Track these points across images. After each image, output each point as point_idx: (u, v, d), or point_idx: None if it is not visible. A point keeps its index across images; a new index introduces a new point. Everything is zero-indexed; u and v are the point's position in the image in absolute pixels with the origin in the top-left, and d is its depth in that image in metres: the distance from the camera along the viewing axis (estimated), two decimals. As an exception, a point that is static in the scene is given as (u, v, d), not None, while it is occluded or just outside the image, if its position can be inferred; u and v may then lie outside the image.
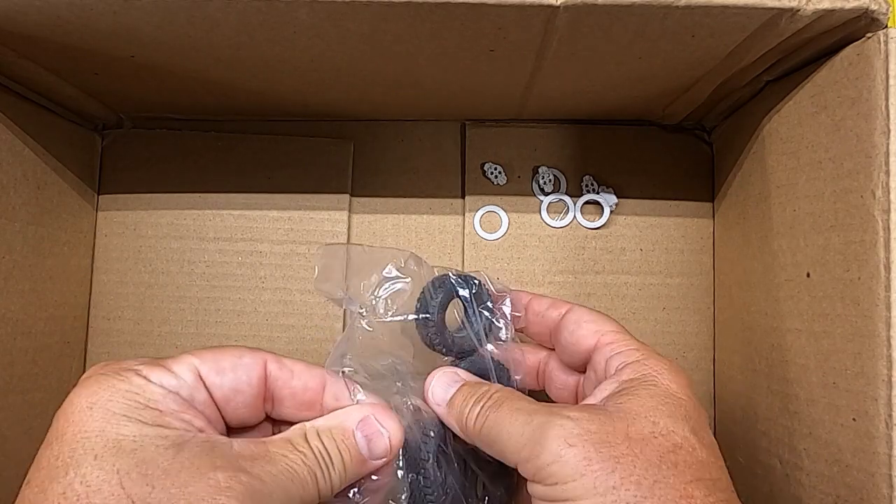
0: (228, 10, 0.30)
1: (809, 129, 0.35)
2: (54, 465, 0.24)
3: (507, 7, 0.30)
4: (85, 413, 0.25)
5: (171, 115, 0.49)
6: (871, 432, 0.30)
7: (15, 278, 0.40)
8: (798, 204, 0.36)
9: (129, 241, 0.49)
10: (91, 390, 0.26)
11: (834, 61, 0.33)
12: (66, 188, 0.45)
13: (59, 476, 0.23)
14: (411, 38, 0.33)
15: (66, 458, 0.24)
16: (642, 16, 0.30)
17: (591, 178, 0.49)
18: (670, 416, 0.29)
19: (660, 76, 0.39)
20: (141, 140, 0.50)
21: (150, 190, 0.49)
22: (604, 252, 0.49)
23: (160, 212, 0.49)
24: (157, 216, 0.49)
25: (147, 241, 0.49)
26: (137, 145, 0.50)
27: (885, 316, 0.29)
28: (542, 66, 0.37)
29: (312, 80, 0.40)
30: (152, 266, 0.49)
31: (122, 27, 0.32)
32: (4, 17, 0.31)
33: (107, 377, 0.26)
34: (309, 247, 0.49)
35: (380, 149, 0.50)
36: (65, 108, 0.45)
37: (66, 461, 0.24)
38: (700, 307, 0.49)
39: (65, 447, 0.24)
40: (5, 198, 0.39)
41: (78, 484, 0.23)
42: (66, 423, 0.25)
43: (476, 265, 0.49)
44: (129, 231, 0.49)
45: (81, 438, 0.24)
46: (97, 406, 0.25)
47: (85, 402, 0.25)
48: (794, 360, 0.36)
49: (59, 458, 0.24)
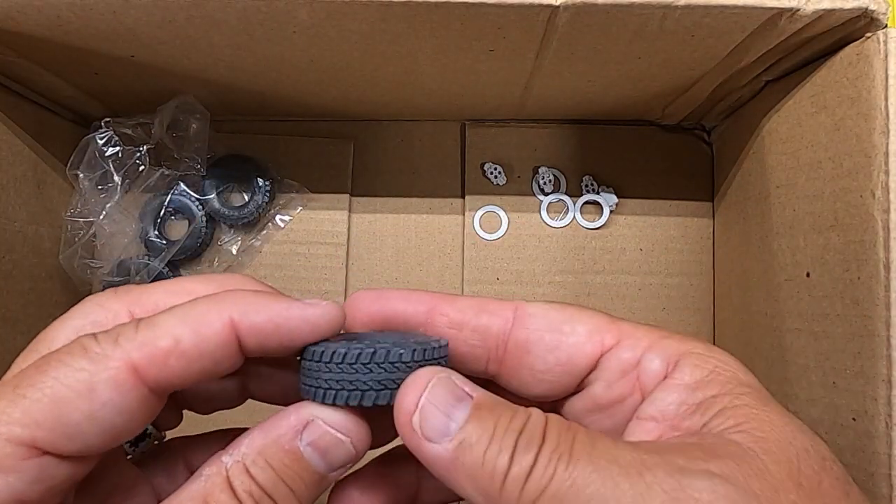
0: (228, 10, 0.30)
1: (809, 128, 0.35)
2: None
3: (507, 7, 0.30)
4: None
5: (171, 115, 0.49)
6: (870, 432, 0.30)
7: (15, 278, 0.40)
8: (798, 204, 0.36)
9: (130, 240, 0.49)
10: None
11: (834, 61, 0.33)
12: (66, 188, 0.45)
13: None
14: (411, 38, 0.33)
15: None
16: (642, 15, 0.30)
17: (591, 178, 0.49)
18: (782, 416, 0.21)
19: (659, 76, 0.39)
20: (141, 140, 0.50)
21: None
22: (604, 252, 0.49)
23: (160, 212, 0.49)
24: (157, 216, 0.49)
25: (147, 241, 0.49)
26: (137, 145, 0.50)
27: (884, 316, 0.29)
28: (542, 66, 0.37)
29: (312, 80, 0.40)
30: (152, 266, 0.49)
31: (122, 27, 0.32)
32: (4, 17, 0.31)
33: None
34: (309, 247, 0.49)
35: (380, 149, 0.50)
36: (65, 108, 0.45)
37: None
38: (700, 307, 0.49)
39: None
40: (5, 198, 0.39)
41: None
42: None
43: (476, 265, 0.49)
44: (129, 231, 0.49)
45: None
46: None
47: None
48: (794, 360, 0.36)
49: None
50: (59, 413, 0.19)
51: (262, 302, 0.21)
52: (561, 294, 0.48)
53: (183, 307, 0.21)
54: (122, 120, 0.45)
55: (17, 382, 0.19)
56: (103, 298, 0.23)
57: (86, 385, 0.19)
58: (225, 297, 0.21)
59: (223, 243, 0.48)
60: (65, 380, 0.19)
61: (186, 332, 0.20)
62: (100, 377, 0.19)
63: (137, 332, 0.20)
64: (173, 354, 0.20)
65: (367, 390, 0.21)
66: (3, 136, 0.39)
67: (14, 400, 0.19)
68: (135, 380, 0.19)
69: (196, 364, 0.20)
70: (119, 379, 0.19)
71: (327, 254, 0.49)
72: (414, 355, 0.22)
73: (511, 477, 0.19)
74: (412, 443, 0.20)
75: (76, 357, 0.19)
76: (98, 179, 0.44)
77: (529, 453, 0.19)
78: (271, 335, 0.21)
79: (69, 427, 0.19)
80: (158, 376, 0.20)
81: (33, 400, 0.18)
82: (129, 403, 0.19)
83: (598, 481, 0.18)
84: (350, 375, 0.21)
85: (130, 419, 0.20)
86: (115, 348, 0.19)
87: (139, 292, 0.23)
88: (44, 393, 0.19)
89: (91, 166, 0.44)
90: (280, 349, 0.22)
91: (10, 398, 0.19)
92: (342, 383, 0.21)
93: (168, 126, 0.45)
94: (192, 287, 0.23)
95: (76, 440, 0.19)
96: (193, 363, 0.20)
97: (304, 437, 0.21)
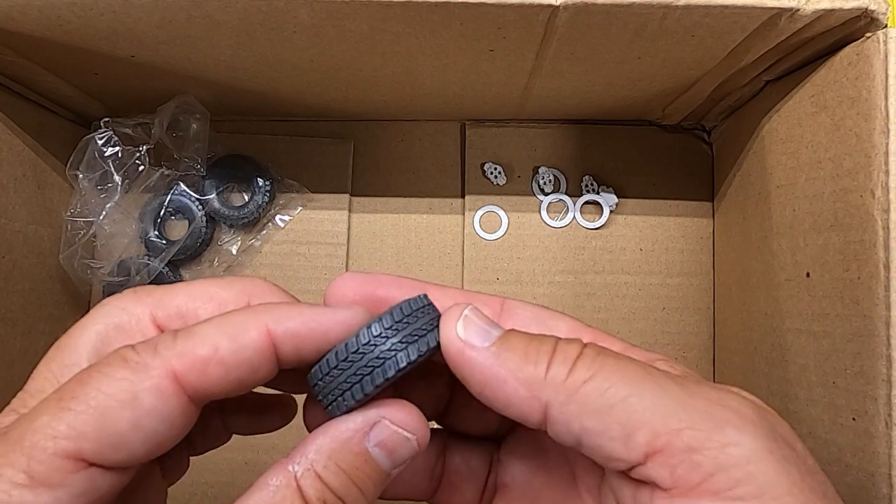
0: (228, 10, 0.30)
1: (809, 128, 0.35)
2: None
3: (507, 7, 0.30)
4: None
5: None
6: (870, 432, 0.30)
7: (15, 278, 0.40)
8: (798, 204, 0.36)
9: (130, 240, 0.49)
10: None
11: (833, 61, 0.33)
12: (66, 188, 0.45)
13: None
14: (411, 38, 0.33)
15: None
16: (642, 15, 0.30)
17: (591, 178, 0.49)
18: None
19: (659, 76, 0.39)
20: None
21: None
22: (604, 252, 0.49)
23: (160, 212, 0.49)
24: (157, 216, 0.49)
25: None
26: (137, 145, 0.50)
27: (884, 316, 0.29)
28: (542, 66, 0.37)
29: (312, 80, 0.40)
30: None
31: (122, 27, 0.32)
32: (4, 17, 0.31)
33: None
34: (309, 247, 0.49)
35: (380, 149, 0.50)
36: (65, 108, 0.45)
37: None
38: (700, 307, 0.49)
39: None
40: (5, 198, 0.39)
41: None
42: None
43: (476, 265, 0.49)
44: (129, 231, 0.49)
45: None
46: None
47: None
48: (794, 360, 0.36)
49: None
50: (105, 423, 0.19)
51: (296, 309, 0.21)
52: (561, 294, 0.48)
53: (220, 317, 0.21)
54: (122, 120, 0.45)
55: (60, 395, 0.19)
56: (124, 301, 0.23)
57: (129, 394, 0.19)
58: (261, 306, 0.21)
59: (223, 243, 0.48)
60: (108, 390, 0.19)
61: (224, 340, 0.20)
62: (142, 385, 0.19)
63: (176, 340, 0.20)
64: (212, 362, 0.20)
65: (414, 342, 0.21)
66: (3, 136, 0.39)
67: (58, 414, 0.19)
68: (176, 387, 0.19)
69: (234, 372, 0.20)
70: (161, 387, 0.19)
71: (327, 254, 0.49)
72: (424, 300, 0.22)
73: (556, 360, 0.20)
74: (456, 350, 0.21)
75: (117, 368, 0.19)
76: (98, 179, 0.44)
77: (573, 345, 0.21)
78: (306, 339, 0.21)
79: (114, 436, 0.19)
80: (198, 384, 0.20)
81: (78, 412, 0.19)
82: (171, 411, 0.19)
83: (642, 376, 0.20)
84: (393, 337, 0.21)
85: (172, 427, 0.20)
86: (155, 357, 0.20)
87: (161, 294, 0.23)
88: (88, 405, 0.19)
89: (91, 166, 0.44)
90: (314, 354, 0.22)
91: (53, 412, 0.19)
92: (383, 356, 0.21)
93: (168, 126, 0.45)
94: (216, 291, 0.23)
95: (121, 450, 0.19)
96: (231, 371, 0.20)
97: (372, 438, 0.21)
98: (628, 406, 0.19)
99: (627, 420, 0.19)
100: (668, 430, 0.19)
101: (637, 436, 0.19)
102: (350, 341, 0.21)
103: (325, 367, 0.21)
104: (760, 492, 0.18)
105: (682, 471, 0.19)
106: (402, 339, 0.21)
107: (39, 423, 0.18)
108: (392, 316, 0.21)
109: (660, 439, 0.19)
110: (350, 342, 0.21)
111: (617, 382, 0.20)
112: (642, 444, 0.19)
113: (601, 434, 0.19)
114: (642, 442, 0.19)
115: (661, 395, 0.19)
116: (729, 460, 0.19)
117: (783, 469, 0.19)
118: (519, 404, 0.20)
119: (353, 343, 0.21)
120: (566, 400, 0.20)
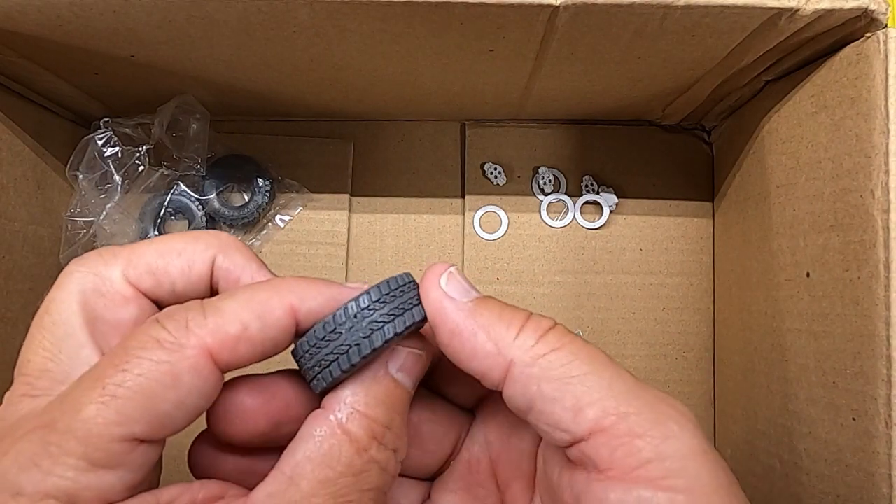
0: (228, 10, 0.31)
1: (809, 128, 0.35)
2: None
3: (507, 7, 0.30)
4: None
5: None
6: (870, 432, 0.30)
7: (15, 278, 0.40)
8: (798, 204, 0.36)
9: (131, 240, 0.49)
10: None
11: (833, 61, 0.33)
12: (66, 188, 0.45)
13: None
14: (411, 38, 0.33)
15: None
16: (642, 15, 0.30)
17: (591, 178, 0.49)
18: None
19: (659, 76, 0.39)
20: (141, 140, 0.50)
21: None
22: (603, 252, 0.49)
23: (160, 212, 0.49)
24: (157, 216, 0.49)
25: (147, 241, 0.49)
26: (137, 145, 0.50)
27: (884, 316, 0.29)
28: (542, 66, 0.37)
29: (312, 80, 0.40)
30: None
31: (122, 27, 0.32)
32: (4, 17, 0.31)
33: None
34: (309, 247, 0.49)
35: (380, 149, 0.50)
36: (65, 108, 0.45)
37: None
38: (700, 307, 0.49)
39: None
40: (5, 198, 0.39)
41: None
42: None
43: (476, 265, 0.49)
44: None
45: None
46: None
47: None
48: (793, 360, 0.36)
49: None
50: (152, 406, 0.20)
51: (316, 288, 0.22)
52: (561, 294, 0.48)
53: (244, 293, 0.22)
54: (122, 120, 0.45)
55: (100, 382, 0.20)
56: (93, 265, 0.23)
57: (171, 377, 0.20)
58: (283, 283, 0.22)
59: (223, 243, 0.48)
60: (150, 374, 0.20)
61: (253, 318, 0.21)
62: (181, 366, 0.20)
63: (206, 318, 0.21)
64: (242, 340, 0.21)
65: (402, 314, 0.22)
66: (3, 136, 0.39)
67: (106, 402, 0.19)
68: (211, 364, 0.20)
69: (259, 348, 0.21)
70: (199, 365, 0.20)
71: (327, 254, 0.49)
72: (408, 277, 0.23)
73: (529, 327, 0.21)
74: (435, 297, 0.22)
75: (153, 350, 0.20)
76: (98, 179, 0.44)
77: (545, 319, 0.22)
78: (322, 316, 0.22)
79: (162, 416, 0.20)
80: (229, 360, 0.21)
81: (125, 399, 0.19)
82: (209, 387, 0.21)
83: (609, 362, 0.21)
84: (381, 308, 0.22)
85: (208, 399, 0.21)
86: (189, 335, 0.20)
87: (128, 254, 0.23)
88: (133, 391, 0.19)
89: (91, 166, 0.44)
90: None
91: (101, 401, 0.19)
92: (371, 327, 0.22)
93: (168, 126, 0.45)
94: (182, 246, 0.23)
95: (168, 427, 0.20)
96: (258, 347, 0.21)
97: (391, 367, 0.22)
98: (587, 381, 0.20)
99: (583, 394, 0.20)
100: (617, 412, 0.20)
101: (588, 411, 0.20)
102: (338, 313, 0.22)
103: (311, 338, 0.22)
104: (691, 487, 0.19)
105: (621, 453, 0.20)
106: (389, 311, 0.22)
107: (87, 412, 0.19)
108: (380, 289, 0.22)
109: (607, 419, 0.20)
110: (338, 314, 0.22)
111: (581, 358, 0.21)
112: (591, 419, 0.20)
113: (555, 401, 0.20)
114: (591, 417, 0.20)
115: (618, 381, 0.21)
116: (667, 451, 0.20)
117: (713, 471, 0.20)
118: (483, 357, 0.21)
119: (342, 315, 0.22)
120: (530, 362, 0.21)
